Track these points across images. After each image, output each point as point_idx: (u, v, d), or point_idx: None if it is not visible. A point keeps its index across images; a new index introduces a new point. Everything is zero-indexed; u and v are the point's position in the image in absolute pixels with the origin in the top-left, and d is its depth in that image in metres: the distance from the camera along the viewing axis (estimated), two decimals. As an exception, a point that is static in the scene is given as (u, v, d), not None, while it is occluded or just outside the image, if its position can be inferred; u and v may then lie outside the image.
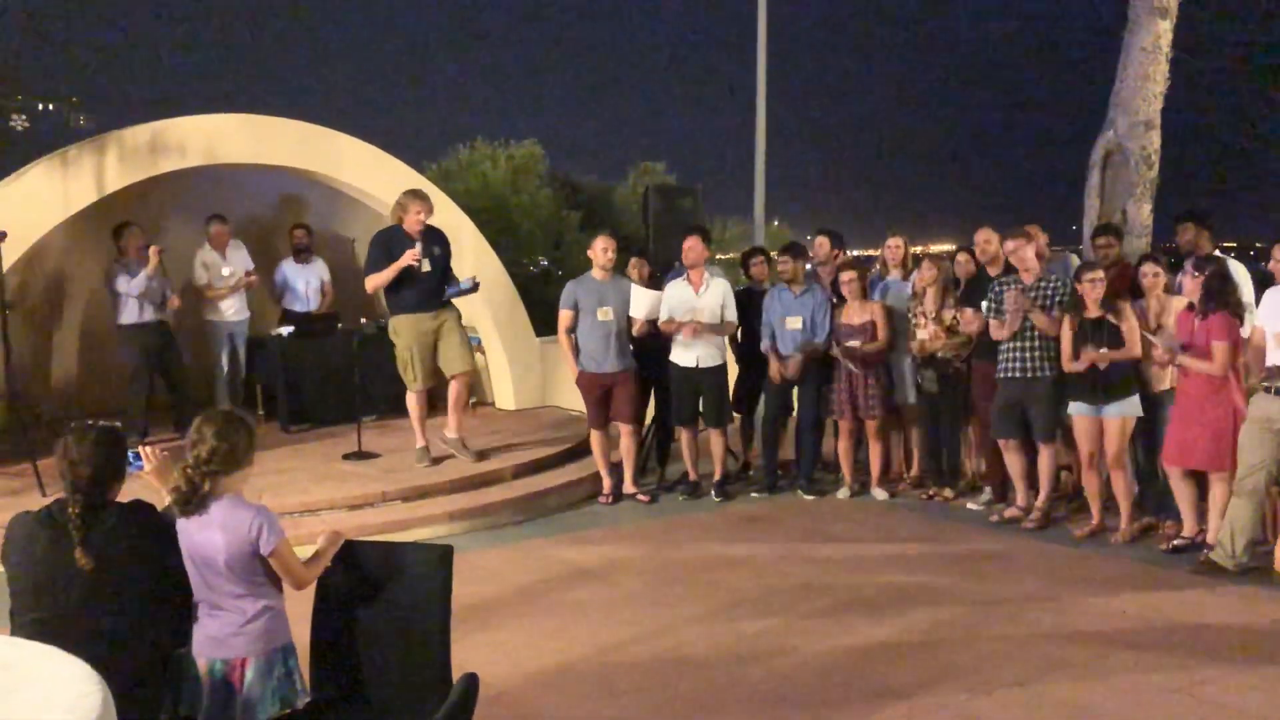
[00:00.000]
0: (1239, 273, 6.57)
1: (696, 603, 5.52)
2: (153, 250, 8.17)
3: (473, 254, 9.69)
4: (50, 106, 7.68)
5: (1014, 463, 6.89)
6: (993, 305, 6.78)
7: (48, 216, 7.99)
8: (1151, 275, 6.41)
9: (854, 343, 7.29)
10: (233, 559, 3.01)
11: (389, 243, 7.36)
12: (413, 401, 7.62)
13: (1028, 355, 6.63)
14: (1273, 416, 5.65)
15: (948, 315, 7.11)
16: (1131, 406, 6.36)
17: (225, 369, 9.09)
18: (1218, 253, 6.78)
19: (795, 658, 4.77)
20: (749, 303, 7.82)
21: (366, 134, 9.44)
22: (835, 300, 7.64)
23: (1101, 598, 5.51)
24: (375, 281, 7.37)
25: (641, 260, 8.18)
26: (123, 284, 8.15)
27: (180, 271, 8.83)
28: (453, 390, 7.67)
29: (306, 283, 9.54)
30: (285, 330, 9.21)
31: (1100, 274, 6.41)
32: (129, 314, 8.22)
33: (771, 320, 7.55)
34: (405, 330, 7.47)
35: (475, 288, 7.63)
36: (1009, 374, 6.70)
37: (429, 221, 7.47)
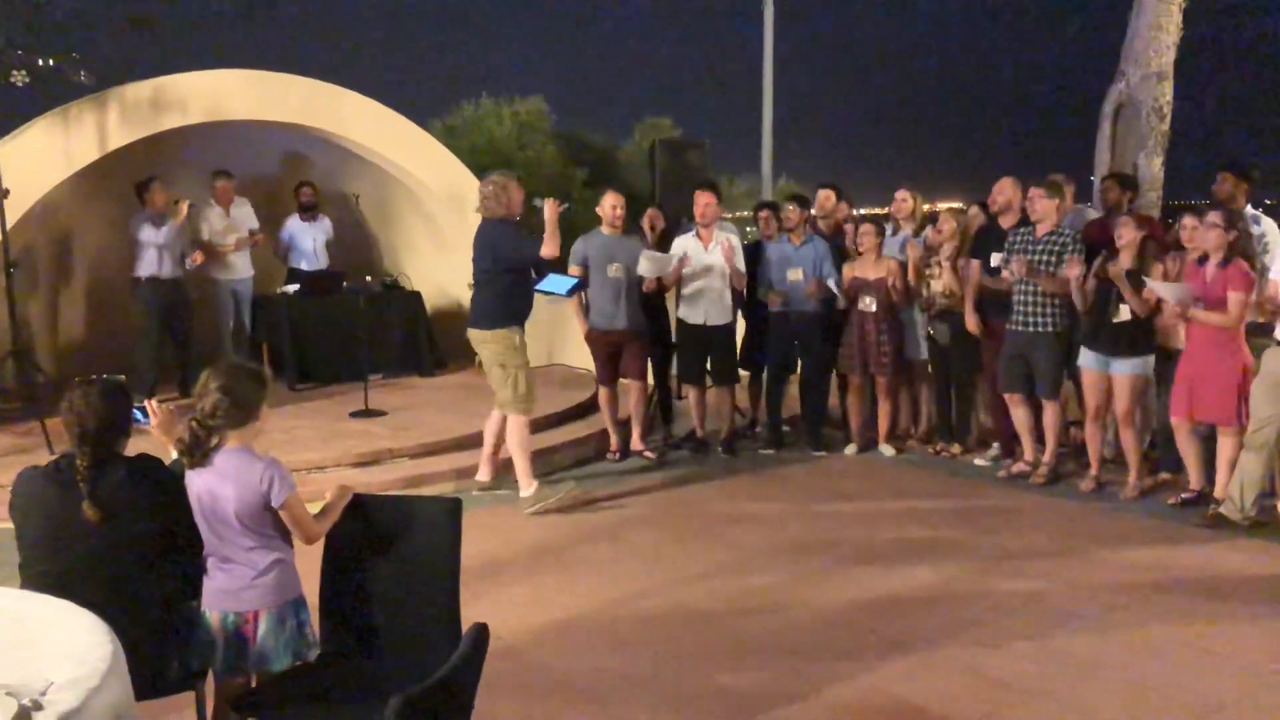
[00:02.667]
0: (1270, 230, 6.48)
1: (704, 557, 5.53)
2: (181, 204, 8.22)
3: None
4: (51, 62, 7.58)
5: (1020, 417, 6.87)
6: (1007, 256, 6.71)
7: (50, 174, 7.96)
8: (1190, 229, 6.25)
9: (869, 299, 7.25)
10: (243, 511, 3.01)
11: (516, 227, 6.38)
12: (526, 430, 6.51)
13: (1031, 308, 6.58)
14: None
15: (962, 267, 7.06)
16: (1144, 365, 6.32)
17: (229, 327, 9.09)
18: (1250, 209, 6.62)
19: (803, 611, 4.78)
20: (757, 257, 7.76)
21: (370, 90, 9.37)
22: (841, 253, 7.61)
23: (1109, 552, 5.51)
24: (552, 247, 6.19)
25: (657, 212, 8.10)
26: (148, 234, 8.15)
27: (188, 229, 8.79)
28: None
29: (314, 240, 9.51)
30: (291, 288, 9.20)
31: (1131, 225, 6.29)
32: (147, 266, 8.22)
33: (771, 271, 7.52)
34: (524, 344, 6.44)
35: (582, 285, 7.14)
36: (1013, 326, 6.68)
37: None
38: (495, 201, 6.32)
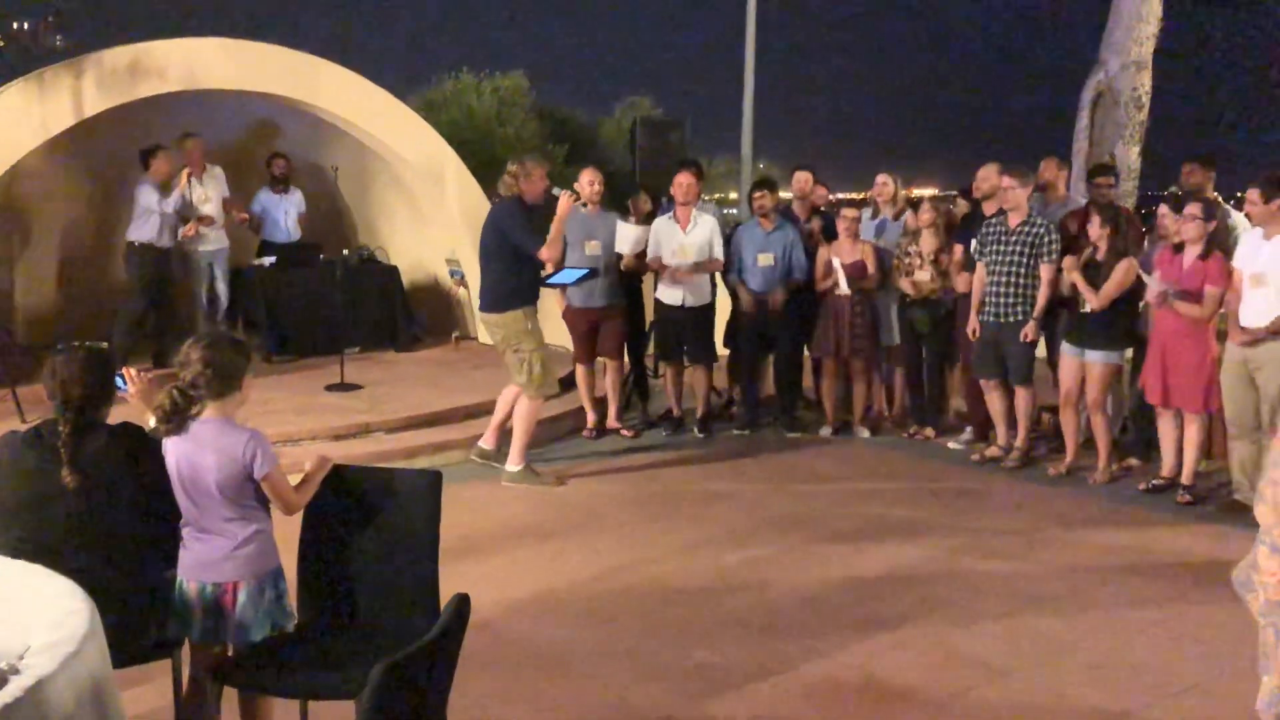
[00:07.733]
0: (1240, 223, 6.56)
1: (680, 535, 5.56)
2: (183, 173, 8.20)
3: (457, 187, 9.59)
4: (25, 25, 7.45)
5: (994, 402, 6.92)
6: (978, 249, 6.76)
7: (24, 139, 7.83)
8: (1164, 219, 6.29)
9: (843, 282, 7.26)
10: (224, 482, 2.99)
11: (525, 212, 6.23)
12: (535, 414, 6.46)
13: (1002, 298, 6.63)
14: (1249, 357, 5.70)
15: (944, 260, 7.09)
16: (1118, 357, 6.39)
17: (204, 299, 9.00)
18: (1221, 200, 6.70)
19: (778, 589, 4.82)
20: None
21: (349, 62, 9.28)
22: (820, 238, 7.63)
23: (1079, 535, 5.58)
24: (555, 249, 6.20)
25: (645, 196, 8.06)
26: (154, 199, 8.09)
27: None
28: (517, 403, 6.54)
29: (285, 213, 9.42)
30: (267, 260, 9.13)
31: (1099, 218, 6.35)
32: (146, 232, 8.17)
33: (742, 256, 7.52)
34: (536, 325, 6.32)
35: (594, 274, 7.13)
36: (985, 316, 6.73)
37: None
38: (513, 180, 6.21)
